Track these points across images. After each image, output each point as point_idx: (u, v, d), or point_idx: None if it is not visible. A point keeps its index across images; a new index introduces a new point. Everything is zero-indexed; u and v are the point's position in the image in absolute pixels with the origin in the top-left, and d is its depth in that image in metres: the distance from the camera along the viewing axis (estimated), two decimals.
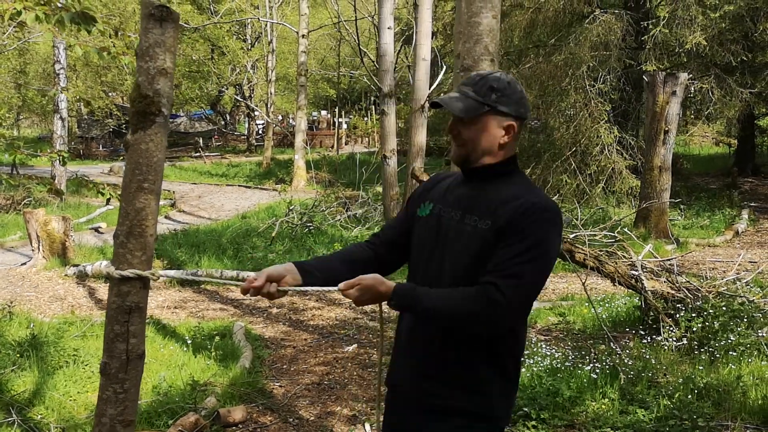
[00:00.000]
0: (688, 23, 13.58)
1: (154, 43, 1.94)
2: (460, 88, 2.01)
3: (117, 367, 1.92)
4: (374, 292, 1.92)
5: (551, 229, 1.91)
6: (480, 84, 1.97)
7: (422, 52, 9.34)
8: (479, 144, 1.97)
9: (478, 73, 2.03)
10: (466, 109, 1.95)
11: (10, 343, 5.36)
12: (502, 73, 2.01)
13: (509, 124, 1.97)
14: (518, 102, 1.98)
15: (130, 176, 1.94)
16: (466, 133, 1.98)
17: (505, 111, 1.96)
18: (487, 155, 1.99)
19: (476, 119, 1.96)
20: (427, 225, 2.08)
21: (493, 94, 1.95)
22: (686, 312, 5.33)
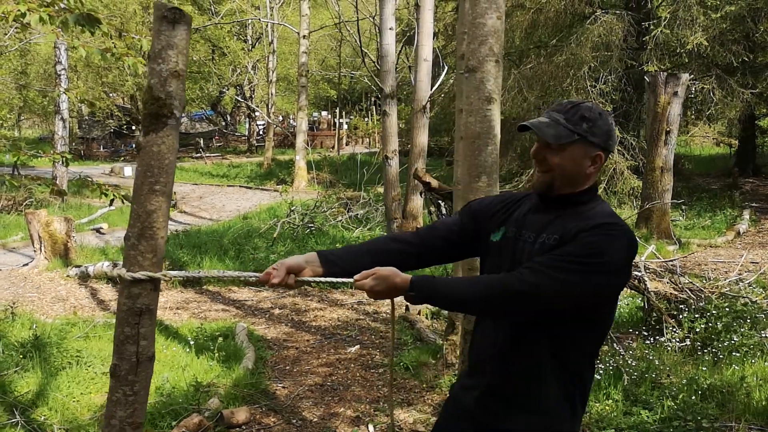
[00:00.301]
0: (689, 24, 13.59)
1: (167, 46, 1.94)
2: (550, 114, 1.98)
3: (127, 369, 1.93)
4: (390, 283, 1.88)
5: (613, 248, 1.83)
6: (571, 112, 1.95)
7: (424, 52, 9.34)
8: (566, 172, 1.95)
9: (570, 101, 2.00)
10: (557, 135, 1.92)
11: (13, 344, 5.36)
12: (593, 103, 2.00)
13: (597, 155, 1.95)
14: (607, 134, 1.96)
15: (141, 178, 1.94)
16: (553, 160, 1.94)
17: (594, 142, 1.94)
18: (571, 184, 1.97)
19: (565, 147, 1.93)
20: (502, 250, 2.05)
21: (585, 123, 1.93)
22: (689, 313, 5.34)
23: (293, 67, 29.73)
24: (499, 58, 2.90)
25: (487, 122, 2.89)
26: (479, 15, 2.85)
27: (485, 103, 2.88)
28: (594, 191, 2.01)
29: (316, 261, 2.04)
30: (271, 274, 1.97)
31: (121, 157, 29.73)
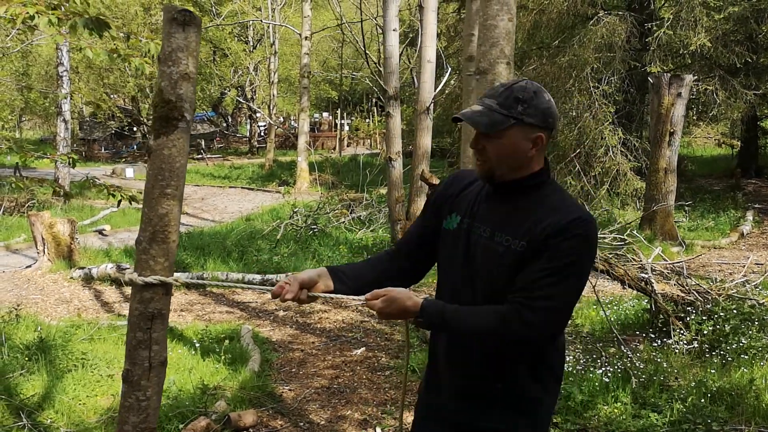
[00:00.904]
0: (692, 25, 13.58)
1: (177, 48, 1.93)
2: (483, 100, 1.90)
3: (139, 374, 1.91)
4: (400, 306, 1.85)
5: (586, 247, 1.83)
6: (504, 95, 1.87)
7: (427, 54, 9.32)
8: (506, 159, 1.87)
9: (502, 83, 1.93)
10: (491, 123, 1.84)
11: (18, 347, 5.34)
12: (527, 81, 1.90)
13: (537, 136, 1.87)
14: (545, 112, 1.87)
15: (152, 182, 1.92)
16: (491, 149, 1.87)
17: (532, 123, 1.85)
18: (514, 170, 1.89)
19: (502, 133, 1.85)
20: (455, 240, 1.99)
21: (519, 105, 1.84)
22: (697, 315, 5.32)
23: (294, 68, 29.77)
24: (510, 60, 2.89)
25: None
26: (491, 17, 2.84)
27: None
28: (545, 174, 1.93)
29: (327, 276, 2.02)
30: (284, 289, 1.95)
31: (123, 158, 29.74)
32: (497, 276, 1.87)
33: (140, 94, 27.84)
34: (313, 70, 26.15)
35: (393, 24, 9.24)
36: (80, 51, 4.20)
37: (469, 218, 1.97)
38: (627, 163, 13.66)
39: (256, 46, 30.44)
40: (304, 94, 20.10)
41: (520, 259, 1.84)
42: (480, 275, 1.91)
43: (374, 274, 2.09)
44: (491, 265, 1.88)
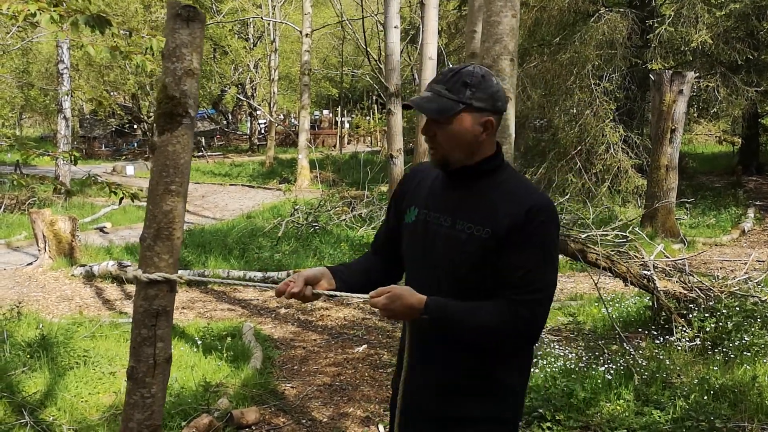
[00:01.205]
0: (693, 21, 13.56)
1: (181, 44, 1.92)
2: (432, 86, 1.90)
3: (144, 371, 1.90)
4: (405, 303, 1.84)
5: (555, 229, 1.89)
6: (452, 81, 1.86)
7: (429, 51, 9.31)
8: (457, 145, 1.88)
9: (450, 68, 1.91)
10: (440, 109, 1.85)
11: (20, 344, 5.34)
12: (475, 66, 1.90)
13: (487, 120, 1.87)
14: (494, 95, 1.88)
15: (157, 179, 1.92)
16: (442, 135, 1.88)
17: (481, 107, 1.86)
18: (467, 155, 1.90)
19: (452, 119, 1.85)
20: (415, 232, 2.00)
21: (468, 90, 1.85)
22: (699, 312, 5.31)
23: (295, 65, 29.75)
24: (514, 56, 2.88)
25: (502, 121, 2.87)
26: (494, 13, 2.83)
27: None
28: (498, 158, 1.94)
29: (330, 275, 2.04)
30: (289, 285, 1.95)
31: (123, 156, 29.73)
32: (459, 263, 1.88)
33: (140, 92, 27.80)
34: (313, 67, 26.13)
35: (394, 21, 9.22)
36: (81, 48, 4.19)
37: (426, 209, 1.98)
38: (628, 160, 13.65)
39: (256, 44, 30.41)
40: (305, 92, 20.08)
41: (485, 246, 1.85)
42: (442, 264, 1.92)
43: (366, 273, 2.12)
44: (453, 254, 1.89)
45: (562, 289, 8.04)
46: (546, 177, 13.75)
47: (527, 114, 14.89)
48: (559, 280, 8.42)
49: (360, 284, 2.04)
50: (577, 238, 5.65)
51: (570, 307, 6.93)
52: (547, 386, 4.42)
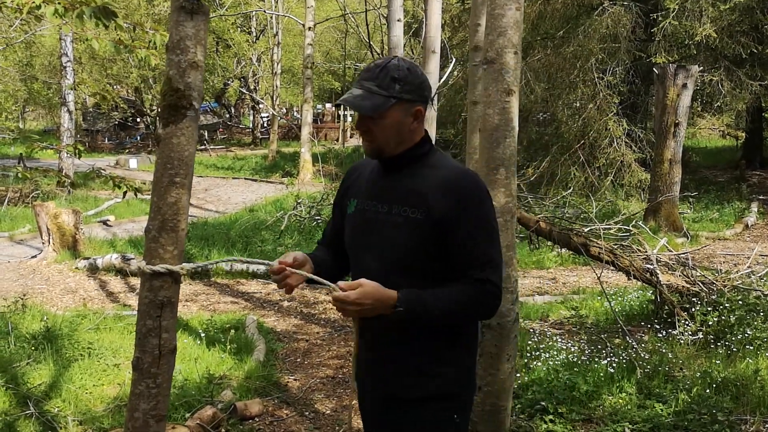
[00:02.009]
0: (697, 15, 13.50)
1: (185, 36, 1.92)
2: (362, 83, 1.98)
3: (149, 362, 1.91)
4: (377, 297, 1.87)
5: (486, 202, 1.97)
6: (381, 76, 1.95)
7: (432, 44, 9.23)
8: (392, 136, 1.98)
9: (376, 64, 1.99)
10: (373, 107, 1.94)
11: (25, 336, 5.37)
12: (398, 59, 1.99)
13: (417, 110, 1.98)
14: (420, 86, 1.97)
15: (161, 171, 1.92)
16: (377, 129, 1.97)
17: (410, 98, 1.96)
18: (400, 144, 1.99)
19: (385, 113, 1.95)
20: (355, 223, 2.09)
21: (396, 84, 1.94)
22: (702, 306, 5.32)
23: (298, 58, 29.69)
24: (518, 50, 2.87)
25: (506, 114, 2.86)
26: (498, 6, 2.83)
27: (504, 95, 2.86)
28: (426, 142, 2.04)
29: (311, 263, 2.10)
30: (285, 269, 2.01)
31: (126, 149, 29.75)
32: (400, 246, 1.96)
33: (143, 85, 27.78)
34: (316, 60, 26.13)
35: (398, 14, 9.16)
36: (85, 42, 4.20)
37: (364, 198, 2.07)
38: (631, 154, 13.62)
39: (259, 37, 30.36)
40: (308, 85, 20.06)
41: (421, 227, 1.93)
42: (385, 250, 1.99)
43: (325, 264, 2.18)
44: (393, 238, 1.97)
45: (565, 283, 8.05)
46: (549, 171, 13.72)
47: (530, 108, 14.86)
48: (561, 273, 8.50)
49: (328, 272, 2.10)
50: (580, 231, 5.65)
51: (572, 300, 6.94)
52: (550, 379, 4.43)
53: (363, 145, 2.05)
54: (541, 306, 6.84)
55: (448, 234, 1.92)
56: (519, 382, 4.46)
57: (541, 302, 7.02)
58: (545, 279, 8.29)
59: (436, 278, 1.94)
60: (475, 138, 4.67)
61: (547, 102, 14.64)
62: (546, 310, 6.69)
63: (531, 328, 6.01)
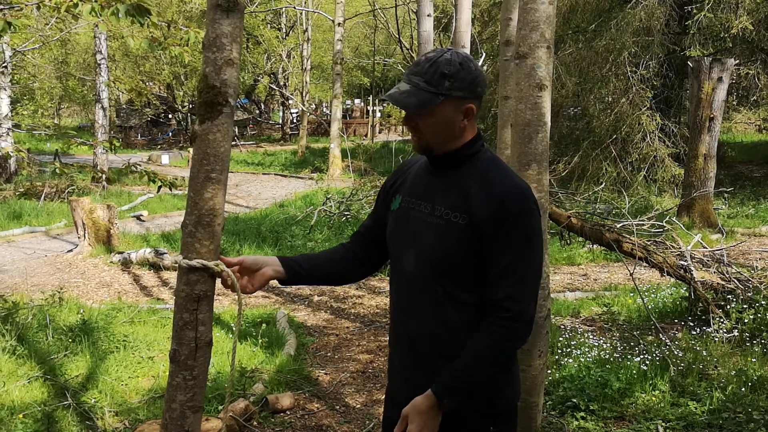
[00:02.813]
0: (733, 7, 13.24)
1: (221, 34, 1.94)
2: (410, 78, 1.88)
3: (186, 354, 1.94)
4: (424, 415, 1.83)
5: (532, 217, 1.84)
6: (430, 72, 1.85)
7: (462, 39, 9.23)
8: (440, 133, 1.89)
9: (427, 57, 1.89)
10: (419, 104, 1.85)
11: (62, 328, 5.49)
12: (452, 53, 1.88)
13: (468, 107, 1.88)
14: (473, 82, 1.87)
15: (197, 167, 1.95)
16: (424, 126, 1.89)
17: (461, 95, 1.86)
18: (449, 141, 1.91)
19: (433, 110, 1.86)
20: (398, 220, 2.02)
21: (446, 81, 1.84)
22: (737, 303, 5.23)
23: (327, 54, 29.80)
24: (551, 44, 2.86)
25: (538, 109, 2.85)
26: (531, 0, 2.81)
27: (536, 90, 2.84)
28: (478, 141, 1.94)
29: (276, 263, 2.07)
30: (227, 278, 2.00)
31: (158, 145, 30.15)
32: (437, 249, 1.88)
33: (175, 82, 28.14)
34: (345, 56, 26.18)
35: (427, 9, 9.18)
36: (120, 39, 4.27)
37: (409, 196, 2.00)
38: (665, 149, 13.43)
39: (289, 33, 30.52)
40: (337, 81, 20.11)
41: (462, 232, 1.84)
42: (423, 250, 1.92)
43: (330, 264, 2.13)
44: (432, 239, 1.89)
45: (596, 279, 7.97)
46: (580, 166, 13.60)
47: (561, 102, 14.72)
48: (593, 269, 8.42)
49: (323, 272, 2.09)
50: (612, 227, 5.59)
51: (604, 297, 6.88)
52: (581, 376, 4.40)
53: (412, 141, 1.97)
54: (572, 302, 6.79)
55: (485, 244, 1.82)
56: (550, 379, 4.44)
57: (573, 298, 6.97)
58: (576, 275, 8.22)
59: (474, 288, 1.87)
60: (505, 133, 4.66)
61: (579, 96, 14.48)
62: (577, 306, 6.64)
63: (562, 324, 5.97)
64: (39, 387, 4.45)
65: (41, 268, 8.74)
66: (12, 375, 4.58)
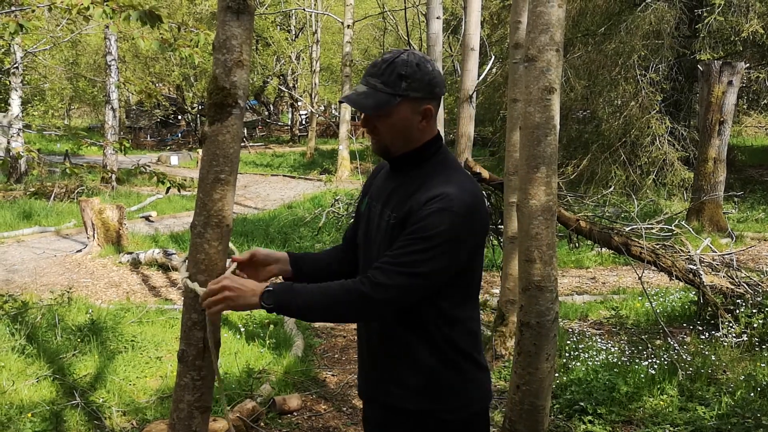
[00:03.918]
0: (744, 11, 13.19)
1: (231, 36, 1.95)
2: (367, 79, 1.88)
3: (194, 354, 1.95)
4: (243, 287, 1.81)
5: (451, 221, 1.75)
6: (387, 73, 1.84)
7: (471, 41, 9.22)
8: (398, 134, 1.88)
9: (383, 59, 1.88)
10: (376, 105, 1.84)
11: (71, 328, 5.51)
12: (408, 53, 1.86)
13: (426, 108, 1.87)
14: (430, 83, 1.85)
15: (207, 168, 1.96)
16: (382, 127, 1.88)
17: (418, 96, 1.84)
18: (408, 143, 1.90)
19: (390, 111, 1.85)
20: (361, 221, 2.05)
21: (403, 82, 1.83)
22: (747, 308, 5.20)
23: (336, 56, 29.84)
24: (560, 47, 2.85)
25: (547, 112, 2.85)
26: (540, 3, 2.81)
27: (545, 92, 2.84)
28: (436, 143, 1.92)
29: (285, 260, 2.07)
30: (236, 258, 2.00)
31: (168, 146, 30.27)
32: (382, 250, 1.86)
33: (185, 83, 28.25)
34: (354, 58, 26.19)
35: (436, 11, 9.19)
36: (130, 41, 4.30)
37: (371, 198, 2.03)
38: (674, 152, 13.37)
39: (298, 35, 30.59)
40: (346, 83, 20.14)
41: (392, 231, 1.85)
42: (373, 250, 1.94)
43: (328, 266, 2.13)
44: (379, 241, 1.91)
45: (605, 283, 7.95)
46: (589, 169, 13.56)
47: (570, 105, 14.70)
48: (601, 273, 8.40)
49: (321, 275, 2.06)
50: (621, 231, 5.58)
51: (612, 300, 6.85)
52: (589, 380, 4.39)
53: (371, 144, 1.97)
54: (580, 306, 6.77)
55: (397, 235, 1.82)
56: (558, 382, 4.43)
57: (581, 302, 6.95)
58: (585, 278, 8.20)
59: None
60: (514, 135, 4.65)
61: (588, 99, 14.45)
62: (585, 309, 6.62)
63: (570, 327, 5.95)
64: (47, 386, 4.47)
65: (51, 267, 8.79)
66: (21, 374, 4.61)
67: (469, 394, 1.93)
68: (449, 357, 1.90)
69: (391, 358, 1.92)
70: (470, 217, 1.80)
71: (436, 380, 1.89)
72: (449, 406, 1.91)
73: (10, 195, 14.46)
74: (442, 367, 1.89)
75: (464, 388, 1.92)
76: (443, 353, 1.89)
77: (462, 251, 1.81)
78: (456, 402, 1.91)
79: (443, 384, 1.89)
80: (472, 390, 1.94)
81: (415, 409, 1.90)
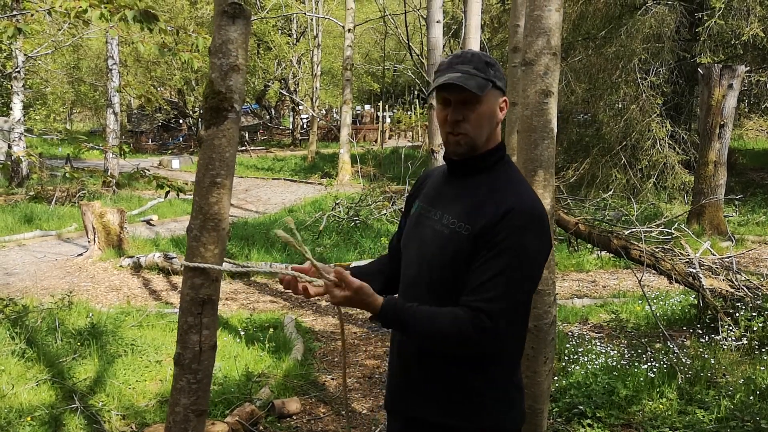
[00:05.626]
0: (744, 14, 13.19)
1: (227, 40, 1.97)
2: (457, 67, 1.84)
3: (190, 357, 1.96)
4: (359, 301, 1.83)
5: (530, 236, 1.77)
6: (475, 60, 1.85)
7: (471, 45, 9.24)
8: (485, 125, 1.85)
9: (463, 51, 1.90)
10: (479, 86, 1.81)
11: (71, 332, 5.52)
12: None
13: (504, 100, 1.88)
14: (504, 77, 1.89)
15: (203, 171, 1.97)
16: (473, 117, 1.84)
17: (501, 86, 1.86)
18: (488, 139, 1.87)
19: (484, 98, 1.83)
20: (411, 224, 2.02)
21: (491, 69, 1.84)
22: (746, 311, 5.20)
23: (337, 60, 29.91)
24: (557, 51, 2.86)
25: (544, 116, 2.85)
26: (538, 7, 2.82)
27: (542, 96, 2.85)
28: (500, 150, 1.91)
29: None
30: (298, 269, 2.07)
31: (169, 150, 30.30)
32: (440, 258, 1.86)
33: (186, 87, 28.29)
34: (355, 62, 26.26)
35: (437, 15, 9.21)
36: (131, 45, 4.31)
37: (423, 202, 2.01)
38: (675, 156, 13.37)
39: (299, 39, 30.63)
40: (347, 87, 20.16)
41: (462, 243, 1.81)
42: (426, 257, 1.91)
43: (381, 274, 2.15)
44: (435, 248, 1.88)
45: (605, 286, 7.94)
46: (589, 173, 13.55)
47: (571, 109, 14.71)
48: (601, 276, 8.39)
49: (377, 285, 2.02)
50: (620, 234, 5.58)
51: (612, 304, 6.85)
52: (588, 383, 4.38)
53: (451, 143, 1.89)
54: (580, 309, 6.76)
55: (476, 252, 1.78)
56: (557, 386, 4.43)
57: (581, 305, 6.95)
58: (585, 282, 8.19)
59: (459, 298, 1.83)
60: (513, 139, 4.66)
61: (588, 103, 14.46)
62: (585, 313, 6.62)
63: (570, 331, 5.95)
64: (47, 390, 4.47)
65: (51, 271, 8.80)
66: (21, 378, 4.61)
67: (503, 415, 1.91)
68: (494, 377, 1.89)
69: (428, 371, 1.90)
70: (547, 232, 1.83)
71: (476, 397, 1.87)
72: (484, 425, 1.89)
73: (12, 199, 14.48)
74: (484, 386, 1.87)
75: (500, 408, 1.90)
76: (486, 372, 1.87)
77: (543, 266, 1.84)
78: (490, 421, 1.89)
79: (483, 402, 1.87)
80: (507, 410, 1.92)
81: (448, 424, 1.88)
